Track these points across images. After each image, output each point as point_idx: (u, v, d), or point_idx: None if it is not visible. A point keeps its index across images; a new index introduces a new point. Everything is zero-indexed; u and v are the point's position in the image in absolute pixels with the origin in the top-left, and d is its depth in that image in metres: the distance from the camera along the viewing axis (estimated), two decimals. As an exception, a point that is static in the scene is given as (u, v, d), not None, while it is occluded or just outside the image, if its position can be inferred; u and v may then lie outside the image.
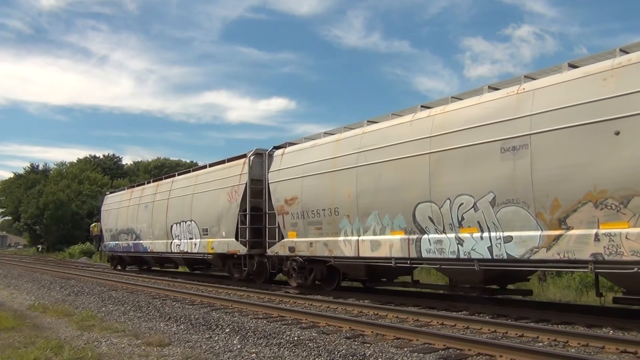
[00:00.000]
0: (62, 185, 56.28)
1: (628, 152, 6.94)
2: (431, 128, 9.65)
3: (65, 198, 53.42)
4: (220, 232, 15.17)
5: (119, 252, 22.59)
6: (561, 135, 7.66)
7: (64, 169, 67.51)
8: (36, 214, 52.80)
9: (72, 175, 61.51)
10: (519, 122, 8.22)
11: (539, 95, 8.11)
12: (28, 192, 57.98)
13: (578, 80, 7.71)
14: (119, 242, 22.28)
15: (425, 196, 9.52)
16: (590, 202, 7.29)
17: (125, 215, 21.48)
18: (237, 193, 14.50)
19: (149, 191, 19.90)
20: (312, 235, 12.11)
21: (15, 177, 68.17)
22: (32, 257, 42.03)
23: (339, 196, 11.35)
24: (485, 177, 8.57)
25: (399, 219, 10.05)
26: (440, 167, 9.32)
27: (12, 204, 61.99)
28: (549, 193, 7.75)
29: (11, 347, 6.58)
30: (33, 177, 65.13)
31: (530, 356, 5.42)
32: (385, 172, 10.35)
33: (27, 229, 58.61)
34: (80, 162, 70.59)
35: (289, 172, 12.92)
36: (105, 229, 23.95)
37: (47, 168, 71.29)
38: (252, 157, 14.36)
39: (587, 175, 7.32)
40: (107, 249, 24.25)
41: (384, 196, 10.34)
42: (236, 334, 7.30)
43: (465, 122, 9.07)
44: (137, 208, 20.28)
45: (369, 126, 11.37)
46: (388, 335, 6.94)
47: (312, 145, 12.68)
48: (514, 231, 8.21)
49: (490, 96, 8.98)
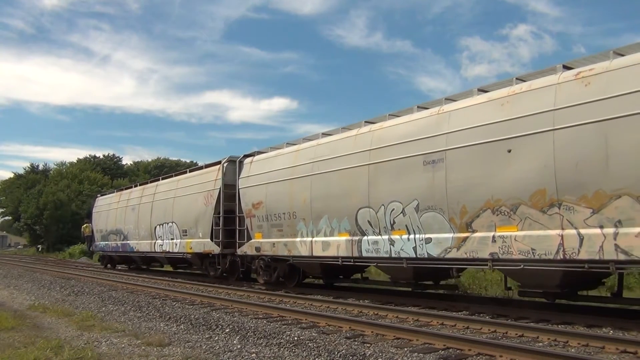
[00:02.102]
0: (62, 185, 56.62)
1: (516, 168, 8.21)
2: (371, 142, 10.91)
3: (65, 198, 53.62)
4: (198, 233, 16.47)
5: (109, 252, 23.93)
6: (468, 151, 8.92)
7: (64, 169, 67.83)
8: (36, 214, 53.01)
9: (72, 175, 61.71)
10: (437, 139, 9.49)
11: (454, 116, 9.37)
12: (28, 192, 58.23)
13: (483, 104, 8.98)
14: (108, 243, 23.62)
15: (365, 202, 10.79)
16: (489, 209, 8.56)
17: (114, 217, 22.82)
18: (212, 197, 15.78)
19: (136, 194, 21.23)
20: (275, 237, 13.39)
21: (15, 177, 68.94)
22: (32, 257, 42.26)
23: (296, 201, 12.62)
24: (411, 186, 9.83)
25: (344, 222, 11.32)
26: (377, 177, 10.59)
27: (12, 204, 62.64)
28: (459, 201, 9.02)
29: (11, 347, 6.59)
30: (33, 177, 65.63)
31: (530, 356, 5.46)
32: (334, 180, 11.62)
33: (27, 229, 59.15)
34: (80, 162, 71.04)
35: (256, 179, 14.20)
36: (96, 230, 25.30)
37: (47, 168, 72.04)
38: (225, 164, 15.64)
39: (486, 186, 8.59)
40: (97, 248, 25.61)
41: (332, 202, 11.62)
42: (236, 334, 7.35)
43: (397, 137, 10.33)
44: (125, 210, 21.62)
45: (323, 138, 12.63)
46: (388, 335, 6.98)
47: (276, 154, 13.96)
48: (433, 233, 9.48)
49: (417, 115, 10.25)
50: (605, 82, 7.35)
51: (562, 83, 7.90)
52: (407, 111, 10.81)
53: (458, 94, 9.96)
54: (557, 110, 7.79)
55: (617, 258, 7.02)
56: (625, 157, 6.99)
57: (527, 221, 8.05)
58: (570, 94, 7.70)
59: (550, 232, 7.76)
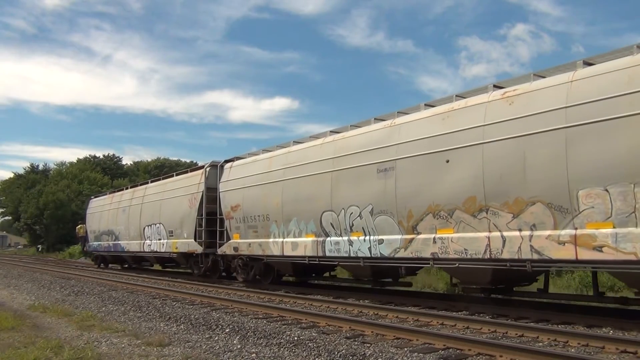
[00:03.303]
0: (62, 185, 57.01)
1: (453, 176, 9.16)
2: (334, 151, 11.87)
3: (65, 198, 54.03)
4: (183, 233, 17.45)
5: (101, 251, 25.02)
6: (414, 161, 9.88)
7: (64, 169, 68.22)
8: (36, 214, 53.45)
9: (72, 175, 62.02)
10: (389, 149, 10.44)
11: (403, 129, 10.33)
12: (28, 192, 58.78)
13: (428, 118, 9.94)
14: (101, 243, 24.69)
15: (328, 206, 11.75)
16: (431, 214, 9.52)
17: (106, 218, 23.87)
18: (196, 200, 16.77)
19: (127, 196, 22.25)
20: (251, 237, 14.36)
21: (15, 177, 69.38)
22: (32, 257, 42.67)
23: (270, 205, 13.59)
24: (367, 192, 10.79)
25: (311, 224, 12.29)
26: (338, 183, 11.55)
27: (12, 204, 63.07)
28: (406, 205, 9.98)
29: (11, 347, 6.59)
30: (33, 177, 66.14)
31: (530, 356, 5.49)
32: (302, 185, 12.58)
33: (27, 229, 59.74)
34: (80, 162, 71.39)
35: (235, 183, 15.17)
36: (90, 231, 26.40)
37: (47, 168, 72.55)
38: (208, 168, 16.62)
39: (428, 193, 9.55)
40: (91, 248, 26.76)
41: (301, 205, 12.58)
42: (236, 334, 7.38)
43: (356, 147, 11.29)
44: (117, 211, 22.65)
45: (294, 146, 13.60)
46: (388, 335, 7.01)
47: (253, 160, 14.95)
48: (385, 235, 10.44)
49: (373, 127, 11.22)
50: (525, 101, 8.31)
51: (492, 101, 8.86)
52: (366, 123, 11.76)
53: (409, 108, 10.91)
54: (486, 125, 8.74)
55: (532, 257, 7.98)
56: (538, 168, 7.94)
57: (461, 224, 9.01)
58: (497, 112, 8.66)
59: (479, 235, 8.72)
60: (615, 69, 7.34)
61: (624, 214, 6.97)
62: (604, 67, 7.59)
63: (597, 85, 7.40)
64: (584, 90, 7.55)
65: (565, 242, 7.57)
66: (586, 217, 7.37)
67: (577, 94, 7.62)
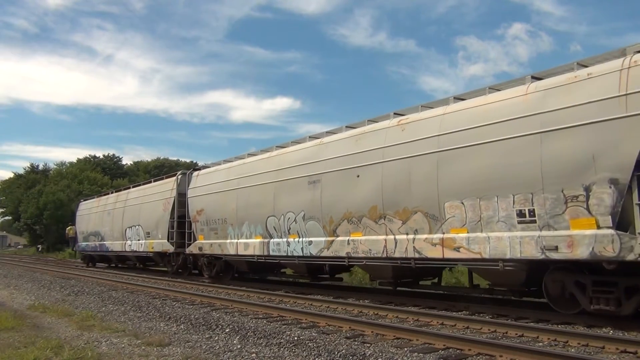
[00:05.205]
0: (62, 185, 57.17)
1: (362, 189, 10.98)
2: (277, 164, 13.71)
3: (65, 198, 53.66)
4: (158, 234, 19.33)
5: (89, 251, 27.02)
6: (335, 175, 11.69)
7: (64, 169, 68.12)
8: (36, 214, 53.59)
9: (72, 175, 61.85)
10: (318, 164, 12.26)
11: (329, 147, 12.16)
12: (28, 192, 58.67)
13: (346, 139, 11.77)
14: (89, 243, 26.66)
15: (272, 212, 13.58)
16: (346, 220, 11.34)
17: (94, 220, 25.82)
18: (169, 204, 18.66)
19: (112, 200, 24.19)
20: (212, 238, 16.21)
21: (15, 177, 69.30)
22: (32, 257, 42.88)
23: (227, 210, 15.43)
24: (300, 201, 12.61)
25: (259, 227, 14.13)
26: (279, 192, 13.38)
27: (12, 204, 63.17)
28: (329, 212, 11.80)
29: (11, 347, 6.59)
30: (33, 177, 66.02)
31: (530, 356, 5.51)
32: (252, 194, 14.43)
33: (27, 229, 59.99)
34: (80, 162, 71.24)
35: (200, 190, 17.03)
36: (79, 232, 28.39)
37: (47, 168, 72.32)
38: (179, 176, 18.52)
39: (344, 202, 11.36)
40: (79, 248, 28.84)
41: (251, 211, 14.42)
42: (236, 334, 7.41)
43: (293, 161, 13.12)
44: (103, 214, 24.59)
45: (248, 158, 15.46)
46: (388, 335, 7.04)
47: (215, 170, 16.82)
48: (313, 237, 12.25)
49: (307, 144, 13.07)
50: (413, 129, 10.12)
51: (390, 127, 10.68)
52: (303, 140, 13.60)
53: (335, 129, 12.76)
54: (385, 147, 10.56)
55: (415, 256, 9.80)
56: (419, 184, 9.75)
57: (367, 229, 10.83)
58: (393, 136, 10.48)
59: (379, 237, 10.53)
60: (469, 107, 9.20)
61: (474, 222, 8.79)
62: (465, 104, 9.43)
63: (457, 119, 9.24)
64: (450, 122, 9.38)
65: (436, 243, 9.39)
66: (450, 224, 9.19)
67: (446, 124, 9.44)
